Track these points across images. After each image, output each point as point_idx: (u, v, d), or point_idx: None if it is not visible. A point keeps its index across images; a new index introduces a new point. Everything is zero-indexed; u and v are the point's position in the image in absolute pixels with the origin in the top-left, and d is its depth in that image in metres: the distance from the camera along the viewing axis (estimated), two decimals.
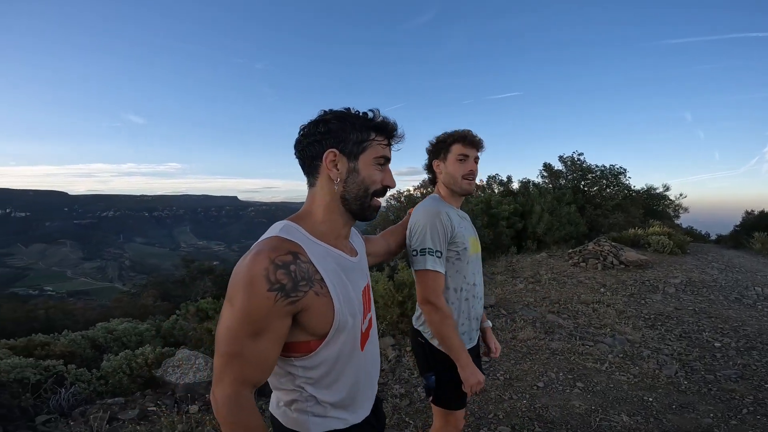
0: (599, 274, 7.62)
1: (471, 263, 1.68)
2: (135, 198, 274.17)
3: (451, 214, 1.65)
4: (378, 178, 1.04)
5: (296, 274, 0.88)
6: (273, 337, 0.88)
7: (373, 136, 1.02)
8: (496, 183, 15.89)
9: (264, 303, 0.84)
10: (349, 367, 1.03)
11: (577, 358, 3.75)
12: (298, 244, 0.93)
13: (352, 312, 1.00)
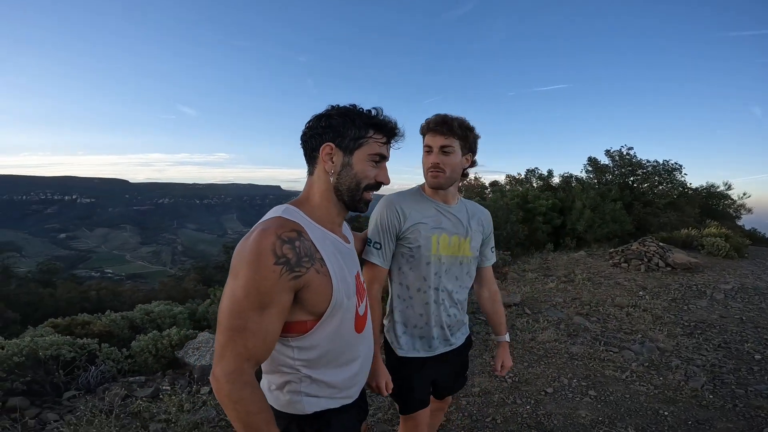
0: (641, 276, 7.13)
1: (433, 265, 1.53)
2: (187, 186, 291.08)
3: (408, 206, 1.52)
4: (371, 174, 1.10)
5: (300, 250, 0.93)
6: (277, 311, 0.91)
7: (371, 134, 1.08)
8: (535, 177, 15.27)
9: (270, 275, 0.87)
10: (346, 347, 1.08)
11: (597, 364, 3.52)
12: (299, 224, 1.00)
13: (348, 293, 1.06)
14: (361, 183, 1.09)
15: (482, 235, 1.67)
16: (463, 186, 17.80)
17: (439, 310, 1.57)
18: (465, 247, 1.58)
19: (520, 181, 15.93)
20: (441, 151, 1.47)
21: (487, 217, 1.72)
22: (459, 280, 1.60)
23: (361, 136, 1.07)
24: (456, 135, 1.47)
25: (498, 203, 12.12)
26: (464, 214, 1.61)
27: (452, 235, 1.56)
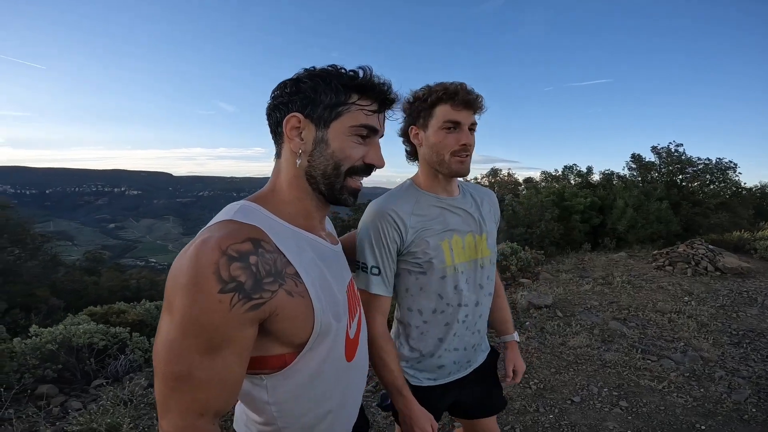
0: (687, 280, 6.63)
1: (449, 279, 1.23)
2: (226, 179, 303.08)
3: (405, 210, 1.20)
4: (355, 153, 0.82)
5: (259, 268, 0.67)
6: (235, 352, 0.66)
7: (354, 99, 0.80)
8: (573, 174, 14.60)
9: (215, 309, 0.62)
10: (333, 382, 0.83)
11: (631, 373, 3.25)
12: (260, 228, 0.72)
13: (336, 313, 0.80)
14: (342, 165, 0.81)
15: (496, 224, 1.39)
16: (496, 182, 17.33)
17: (463, 330, 1.29)
18: (483, 246, 1.28)
19: (557, 178, 15.31)
20: (467, 129, 1.18)
21: (494, 198, 1.42)
22: (483, 288, 1.30)
23: (341, 103, 0.80)
24: (481, 112, 1.21)
25: (532, 200, 11.69)
26: (471, 204, 1.31)
27: (465, 234, 1.26)
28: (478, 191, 1.39)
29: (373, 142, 0.86)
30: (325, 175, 0.81)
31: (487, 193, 1.42)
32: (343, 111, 0.80)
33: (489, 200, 1.39)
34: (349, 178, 0.83)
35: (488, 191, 1.43)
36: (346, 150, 0.81)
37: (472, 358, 1.37)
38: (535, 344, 3.82)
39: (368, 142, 0.85)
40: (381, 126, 0.87)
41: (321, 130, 0.80)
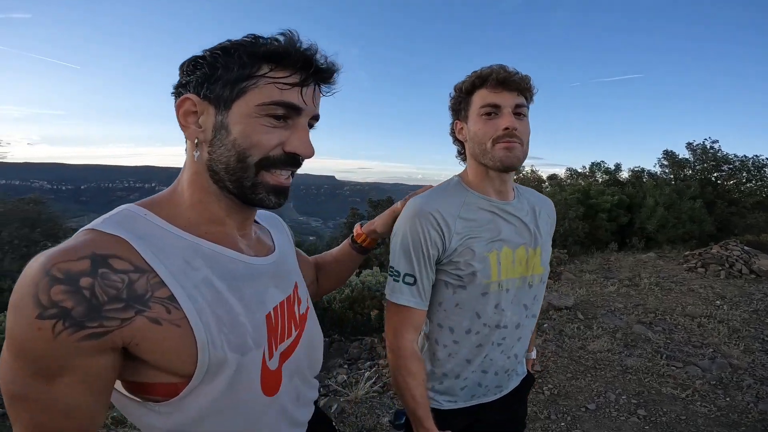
0: (720, 283, 6.29)
1: (492, 296, 1.05)
2: None
3: (451, 212, 1.04)
4: (267, 140, 0.65)
5: (95, 292, 0.54)
6: (78, 380, 0.55)
7: (264, 71, 0.63)
8: (601, 171, 14.10)
9: (35, 336, 0.52)
10: (245, 419, 0.69)
11: (653, 380, 3.07)
12: (125, 240, 0.58)
13: (241, 345, 0.65)
14: (249, 156, 0.64)
15: (551, 236, 1.19)
16: (517, 179, 16.94)
17: (497, 354, 1.11)
18: (535, 262, 1.09)
19: (583, 175, 14.83)
20: (512, 113, 1.00)
21: (552, 207, 1.22)
22: (528, 309, 1.12)
23: (245, 76, 0.63)
24: (528, 94, 1.03)
25: (555, 198, 11.36)
26: (527, 212, 1.11)
27: (516, 247, 1.07)
28: (536, 198, 1.20)
29: (297, 124, 0.67)
30: (229, 170, 0.65)
31: (546, 202, 1.21)
32: (248, 86, 0.63)
33: (547, 210, 1.19)
34: (264, 173, 0.67)
35: (547, 200, 1.22)
36: (252, 136, 0.64)
37: (504, 384, 1.18)
38: (552, 347, 3.68)
39: (290, 124, 0.67)
40: (309, 103, 0.67)
41: (221, 113, 0.64)
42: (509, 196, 1.10)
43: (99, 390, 0.58)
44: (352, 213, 16.27)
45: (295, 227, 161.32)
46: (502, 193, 1.08)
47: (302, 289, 0.88)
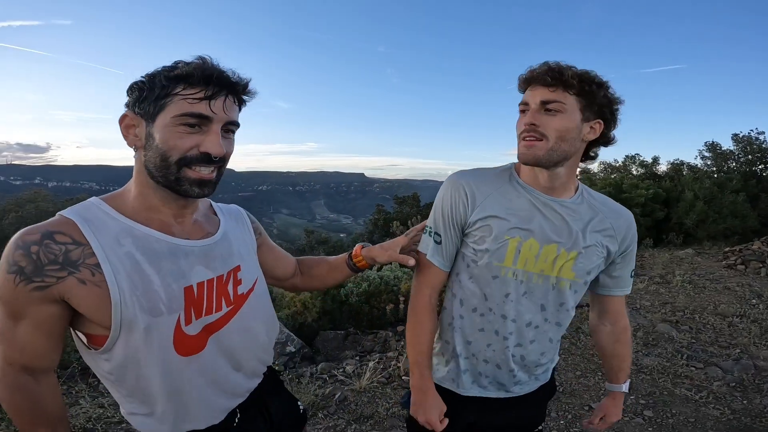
0: (759, 281, 5.92)
1: (502, 282, 1.06)
2: (282, 174, 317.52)
3: (484, 188, 1.07)
4: (182, 143, 0.80)
5: (38, 257, 0.74)
6: (32, 324, 0.78)
7: (178, 90, 0.79)
8: (636, 164, 13.47)
9: (6, 285, 0.75)
10: (159, 373, 0.84)
11: (668, 380, 2.94)
12: (73, 222, 0.78)
13: (151, 308, 0.81)
14: (169, 157, 0.80)
15: (608, 251, 1.09)
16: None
17: (501, 347, 1.10)
18: (565, 266, 1.05)
19: (616, 169, 14.22)
20: (543, 108, 0.99)
21: (625, 223, 1.10)
22: (547, 311, 1.09)
23: (164, 95, 0.79)
24: (570, 87, 0.97)
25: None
26: (580, 216, 1.06)
27: (547, 243, 1.05)
28: (607, 208, 1.10)
29: (209, 129, 0.81)
30: (157, 168, 0.81)
31: (619, 214, 1.10)
32: (166, 103, 0.79)
33: (614, 221, 1.09)
34: (186, 169, 0.81)
35: (622, 211, 1.12)
36: (169, 141, 0.79)
37: (508, 384, 1.15)
38: (565, 345, 3.59)
39: (204, 130, 0.81)
40: (219, 111, 0.81)
41: (149, 125, 0.81)
42: (562, 193, 1.07)
43: (47, 333, 0.79)
44: (378, 210, 16.37)
45: (326, 225, 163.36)
46: (552, 188, 1.06)
47: (247, 273, 1.00)
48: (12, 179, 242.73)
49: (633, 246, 1.12)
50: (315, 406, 2.58)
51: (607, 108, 1.01)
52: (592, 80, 0.98)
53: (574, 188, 1.09)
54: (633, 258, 1.15)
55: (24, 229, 0.77)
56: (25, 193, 17.15)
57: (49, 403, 0.85)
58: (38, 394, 0.83)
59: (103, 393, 2.83)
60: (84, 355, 0.88)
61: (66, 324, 0.82)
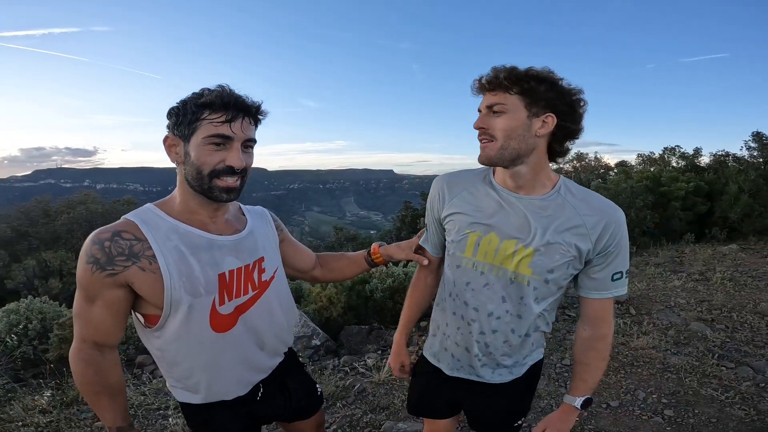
0: None
1: (464, 271, 1.16)
2: (312, 172, 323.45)
3: (458, 187, 1.18)
4: (212, 159, 0.98)
5: (110, 250, 0.93)
6: (104, 305, 0.96)
7: (204, 115, 0.96)
8: (676, 156, 12.82)
9: (85, 273, 0.94)
10: (196, 345, 1.03)
11: (695, 380, 2.84)
12: (134, 223, 0.98)
13: (193, 290, 0.99)
14: (203, 170, 0.98)
15: (579, 250, 1.06)
16: (581, 167, 15.88)
17: (467, 331, 1.19)
18: (523, 262, 1.07)
19: (655, 161, 13.59)
20: (490, 111, 1.04)
21: (603, 221, 1.05)
22: (507, 303, 1.12)
23: (194, 120, 0.96)
24: (508, 88, 1.00)
25: (620, 186, 10.55)
26: (547, 213, 1.07)
27: (507, 238, 1.08)
28: (587, 207, 1.06)
29: (231, 147, 0.99)
30: (194, 179, 1.00)
31: (600, 213, 1.05)
32: (196, 126, 0.97)
33: (590, 219, 1.05)
34: (216, 179, 0.99)
35: (605, 210, 1.06)
36: (201, 158, 0.97)
37: (477, 370, 1.22)
38: None
39: (228, 147, 0.98)
40: (238, 131, 0.98)
41: (186, 145, 0.99)
42: (532, 190, 1.09)
43: (115, 312, 0.98)
44: (405, 206, 16.39)
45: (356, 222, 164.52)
46: (519, 186, 1.09)
47: (271, 263, 1.19)
48: (62, 182, 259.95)
49: (616, 246, 1.06)
50: (334, 397, 2.70)
51: (558, 101, 1.01)
52: (531, 77, 0.99)
53: (550, 185, 1.10)
54: (618, 260, 1.08)
55: (98, 229, 0.96)
56: (75, 195, 18.29)
57: (112, 375, 1.02)
58: (104, 367, 1.01)
59: (145, 382, 3.06)
60: (141, 334, 1.07)
61: (129, 306, 1.00)
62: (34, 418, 2.43)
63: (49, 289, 9.98)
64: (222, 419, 1.14)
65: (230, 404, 1.13)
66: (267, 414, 1.24)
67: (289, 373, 1.28)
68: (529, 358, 1.23)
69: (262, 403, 1.19)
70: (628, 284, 1.14)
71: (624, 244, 1.07)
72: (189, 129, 0.97)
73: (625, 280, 1.11)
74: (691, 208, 10.28)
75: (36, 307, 4.38)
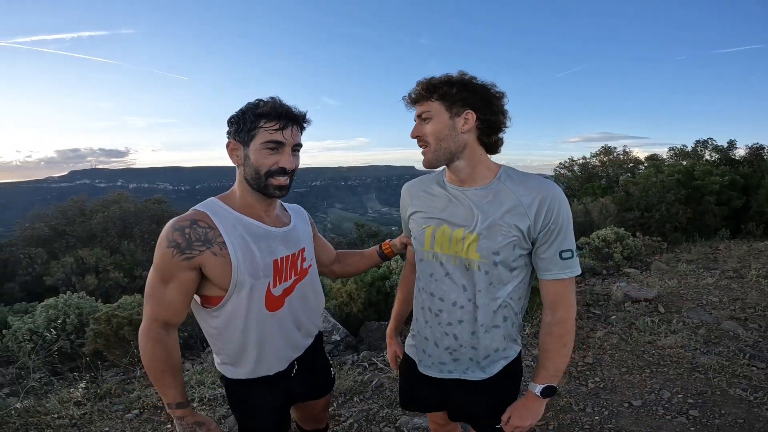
0: None
1: (426, 263, 1.24)
2: (334, 170, 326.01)
3: (418, 191, 1.30)
4: (268, 162, 1.13)
5: (190, 236, 1.08)
6: (178, 286, 1.09)
7: (261, 123, 1.12)
8: (709, 149, 12.26)
9: (166, 256, 1.07)
10: (253, 322, 1.17)
11: (723, 380, 2.72)
12: (206, 213, 1.13)
13: (254, 273, 1.14)
14: (260, 171, 1.14)
15: (520, 230, 1.11)
16: (609, 161, 15.40)
17: (435, 324, 1.22)
18: (470, 247, 1.13)
19: (687, 155, 13.03)
20: (421, 120, 1.17)
21: (538, 197, 1.10)
22: (468, 292, 1.17)
23: (253, 128, 1.12)
24: (430, 96, 1.12)
25: (650, 180, 10.18)
26: (486, 200, 1.15)
27: (456, 228, 1.17)
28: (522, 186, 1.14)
29: (283, 151, 1.15)
30: (253, 179, 1.16)
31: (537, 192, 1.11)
32: (255, 133, 1.13)
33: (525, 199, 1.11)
34: (271, 179, 1.15)
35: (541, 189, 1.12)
36: (259, 160, 1.14)
37: (449, 364, 1.23)
38: (614, 340, 3.44)
39: (279, 151, 1.14)
40: (289, 137, 1.15)
41: (246, 149, 1.15)
42: (473, 182, 1.18)
43: (186, 293, 1.11)
44: None
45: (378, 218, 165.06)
46: (462, 180, 1.20)
47: (308, 253, 1.35)
48: (97, 182, 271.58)
49: (555, 222, 1.09)
50: (352, 391, 2.74)
51: (472, 98, 1.12)
52: (444, 83, 1.12)
53: (491, 175, 1.19)
54: (563, 237, 1.10)
55: (176, 218, 1.11)
56: (109, 195, 19.06)
57: (175, 354, 1.15)
58: (170, 346, 1.13)
59: None
60: (197, 313, 1.21)
61: (196, 287, 1.13)
62: (68, 410, 2.57)
63: (85, 285, 10.47)
64: (260, 395, 1.27)
65: (270, 380, 1.26)
66: (297, 392, 1.37)
67: (316, 354, 1.43)
68: (501, 354, 1.22)
69: (295, 380, 1.33)
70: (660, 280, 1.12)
71: (565, 220, 1.12)
72: (248, 135, 1.13)
73: (575, 260, 1.13)
74: (726, 202, 9.83)
75: (73, 302, 4.62)
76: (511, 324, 1.21)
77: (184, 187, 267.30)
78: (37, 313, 4.40)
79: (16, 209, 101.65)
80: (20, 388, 2.91)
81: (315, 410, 1.54)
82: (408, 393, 1.43)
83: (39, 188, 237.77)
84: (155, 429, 2.44)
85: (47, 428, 2.41)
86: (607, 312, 4.26)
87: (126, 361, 3.66)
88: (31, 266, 12.62)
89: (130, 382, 3.23)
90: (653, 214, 9.66)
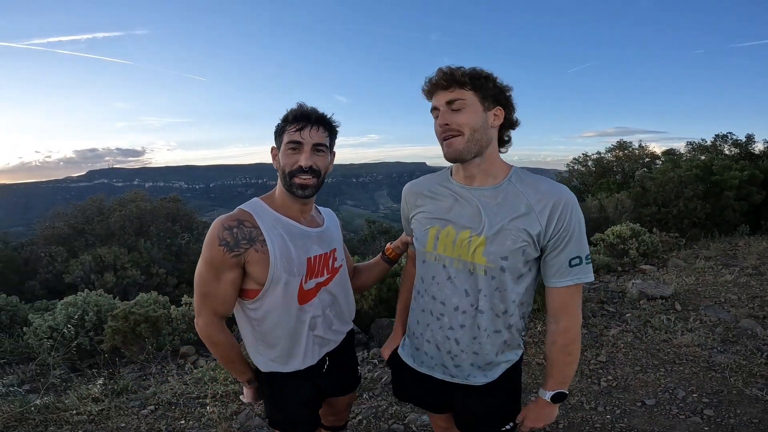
0: None
1: (429, 266, 1.20)
2: (345, 166, 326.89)
3: (420, 190, 1.27)
4: (290, 161, 1.21)
5: (237, 235, 1.16)
6: (228, 280, 1.18)
7: (286, 127, 1.22)
8: (728, 143, 11.92)
9: (217, 254, 1.15)
10: (286, 315, 1.24)
11: (740, 379, 2.66)
12: (250, 213, 1.22)
13: (289, 270, 1.21)
14: (285, 170, 1.22)
15: (530, 235, 1.07)
16: (624, 156, 15.09)
17: (437, 328, 1.19)
18: (477, 251, 1.09)
19: (706, 149, 12.70)
20: (449, 107, 1.08)
21: (550, 202, 1.07)
22: (471, 296, 1.13)
23: (281, 132, 1.23)
24: (464, 84, 1.06)
25: (666, 175, 9.94)
26: (496, 202, 1.10)
27: (462, 230, 1.12)
28: (534, 189, 1.10)
29: (302, 150, 1.21)
30: (283, 179, 1.24)
31: (548, 196, 1.08)
32: (282, 137, 1.23)
33: (537, 204, 1.08)
34: (294, 178, 1.21)
35: (554, 193, 1.08)
36: (284, 160, 1.23)
37: (449, 366, 1.20)
38: (628, 338, 3.39)
39: (300, 150, 1.21)
40: (307, 137, 1.21)
41: (279, 152, 1.25)
42: (485, 182, 1.15)
43: (235, 287, 1.20)
44: None
45: (390, 215, 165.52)
46: (473, 179, 1.16)
47: (339, 254, 1.41)
48: (114, 181, 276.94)
49: (567, 230, 1.06)
50: (362, 388, 2.75)
51: (501, 95, 1.12)
52: (480, 75, 1.08)
53: (503, 175, 1.15)
54: (573, 244, 1.07)
55: (223, 217, 1.19)
56: (126, 194, 19.39)
57: (234, 341, 1.27)
58: (230, 334, 1.26)
59: (188, 372, 3.23)
60: (236, 307, 1.28)
61: (241, 282, 1.21)
62: (87, 406, 2.63)
63: (104, 282, 10.70)
64: (292, 388, 1.32)
65: (302, 374, 1.31)
66: (327, 388, 1.41)
67: (346, 352, 1.48)
68: (503, 357, 1.20)
69: (325, 376, 1.38)
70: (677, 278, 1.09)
71: (577, 227, 1.07)
72: (279, 140, 1.25)
73: (585, 267, 1.09)
74: (746, 198, 9.54)
75: (92, 300, 4.72)
76: (515, 329, 1.18)
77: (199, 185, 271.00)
78: (57, 310, 4.50)
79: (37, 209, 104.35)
80: (40, 384, 2.98)
81: (339, 407, 1.55)
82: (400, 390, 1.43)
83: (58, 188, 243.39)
84: (169, 425, 2.49)
85: (66, 424, 2.47)
86: (622, 309, 4.20)
87: (143, 357, 3.74)
88: (51, 264, 12.94)
89: (146, 378, 3.30)
90: (671, 210, 9.44)
